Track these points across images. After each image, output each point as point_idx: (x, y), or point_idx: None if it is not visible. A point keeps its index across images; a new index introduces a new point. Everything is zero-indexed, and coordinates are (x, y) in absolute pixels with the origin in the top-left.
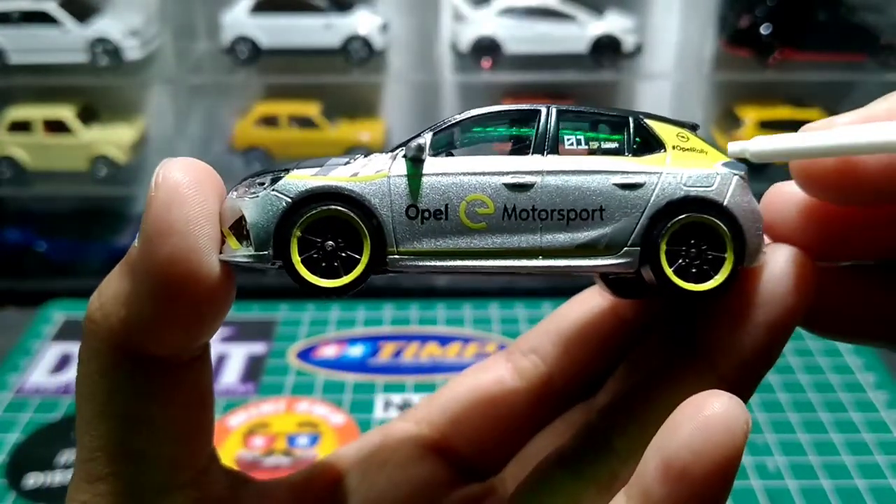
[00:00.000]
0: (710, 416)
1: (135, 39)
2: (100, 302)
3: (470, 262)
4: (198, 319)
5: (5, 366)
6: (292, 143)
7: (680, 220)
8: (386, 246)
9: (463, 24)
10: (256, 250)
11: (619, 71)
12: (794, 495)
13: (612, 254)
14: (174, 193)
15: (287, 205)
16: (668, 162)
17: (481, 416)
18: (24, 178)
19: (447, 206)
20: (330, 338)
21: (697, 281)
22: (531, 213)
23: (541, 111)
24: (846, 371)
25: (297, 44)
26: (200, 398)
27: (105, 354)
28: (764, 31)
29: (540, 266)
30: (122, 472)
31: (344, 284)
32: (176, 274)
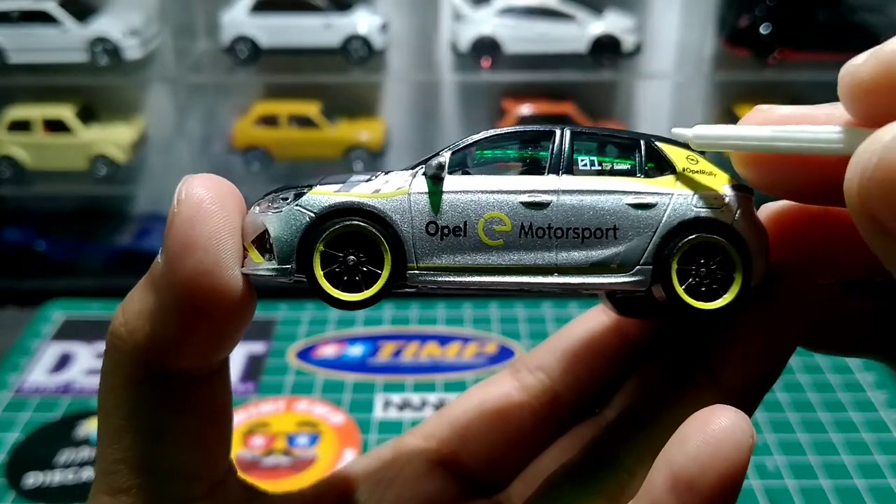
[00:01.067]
0: (717, 430)
1: (134, 39)
2: (124, 318)
3: (487, 278)
4: (221, 333)
5: (5, 365)
6: (292, 142)
7: (690, 239)
8: (406, 261)
9: (462, 23)
10: (280, 264)
11: (619, 71)
12: (793, 495)
13: (625, 272)
14: (197, 209)
15: (311, 219)
16: (679, 183)
17: (489, 431)
18: (24, 178)
19: (466, 223)
20: (329, 337)
21: (707, 300)
22: (547, 232)
23: (555, 132)
24: (846, 371)
25: (296, 43)
26: (219, 411)
27: (129, 369)
28: (763, 30)
29: (555, 283)
30: (143, 485)
31: (365, 298)
32: (200, 289)
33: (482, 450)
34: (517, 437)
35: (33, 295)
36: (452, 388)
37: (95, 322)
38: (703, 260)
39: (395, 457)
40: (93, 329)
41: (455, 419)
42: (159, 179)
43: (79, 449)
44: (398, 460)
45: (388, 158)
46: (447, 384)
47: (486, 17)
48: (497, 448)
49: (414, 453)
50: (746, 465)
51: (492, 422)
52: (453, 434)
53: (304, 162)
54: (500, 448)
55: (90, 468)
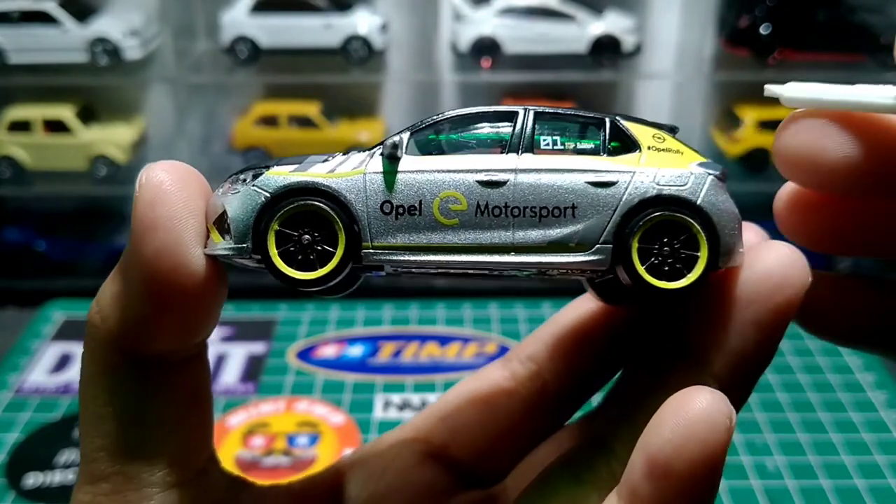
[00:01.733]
0: (692, 411)
1: (134, 39)
2: (98, 306)
3: (443, 257)
4: (189, 315)
5: (5, 365)
6: (292, 142)
7: (652, 217)
8: (361, 240)
9: (462, 23)
10: (236, 243)
11: (619, 71)
12: (793, 495)
13: (584, 251)
14: (157, 191)
15: (266, 199)
16: (643, 161)
17: (479, 422)
18: (24, 178)
19: (421, 202)
20: (329, 337)
21: (670, 279)
22: (503, 210)
23: (518, 112)
24: (845, 371)
25: (296, 43)
26: (199, 397)
27: (105, 356)
28: (763, 30)
29: (511, 262)
30: (123, 472)
31: (318, 277)
32: (162, 268)
33: (472, 440)
34: (507, 427)
35: (33, 295)
36: None
37: None
38: (666, 239)
39: (386, 449)
40: None
41: (444, 411)
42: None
43: (78, 449)
44: (388, 453)
45: None
46: (447, 384)
47: (486, 17)
48: (487, 438)
49: (404, 445)
50: (725, 447)
51: (481, 412)
52: (443, 425)
53: None
54: (490, 438)
55: None
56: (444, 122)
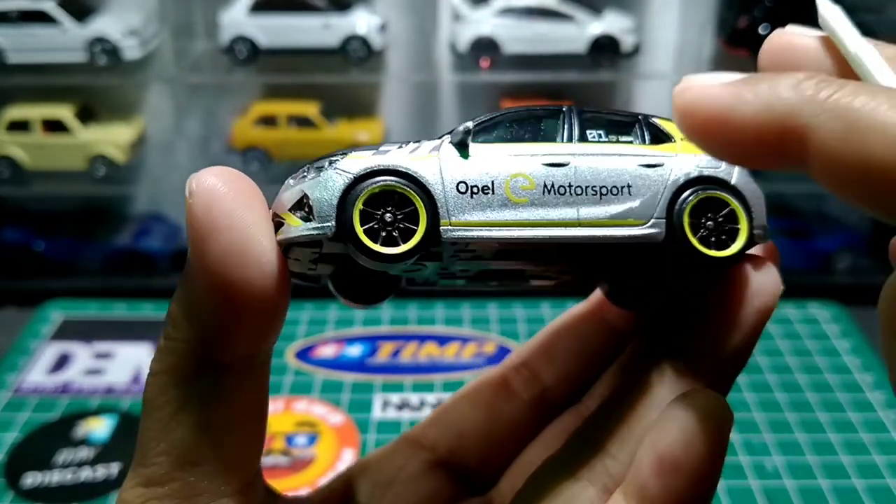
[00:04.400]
0: (697, 412)
1: (133, 39)
2: (171, 319)
3: (516, 231)
4: (262, 314)
5: (3, 365)
6: (291, 142)
7: (698, 194)
8: (439, 218)
9: (461, 23)
10: (321, 223)
11: (618, 71)
12: (791, 495)
13: (642, 224)
14: (212, 195)
15: (349, 180)
16: (679, 149)
17: (483, 428)
18: (23, 178)
19: (493, 182)
20: (328, 337)
21: (718, 249)
22: (568, 189)
23: (563, 109)
24: (844, 371)
25: (295, 43)
26: (260, 406)
27: (179, 366)
28: (762, 31)
29: (578, 235)
30: (181, 477)
31: (403, 251)
32: (231, 268)
33: (476, 446)
34: (510, 432)
35: (32, 295)
36: (451, 388)
37: (94, 322)
38: (710, 214)
39: (392, 457)
40: (92, 329)
41: (447, 417)
42: (158, 180)
43: (77, 449)
44: (395, 461)
45: None
46: (446, 384)
47: (485, 17)
48: (491, 444)
49: (411, 453)
50: (727, 441)
51: (484, 418)
52: (447, 432)
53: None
54: (493, 444)
55: (89, 468)
56: (501, 116)
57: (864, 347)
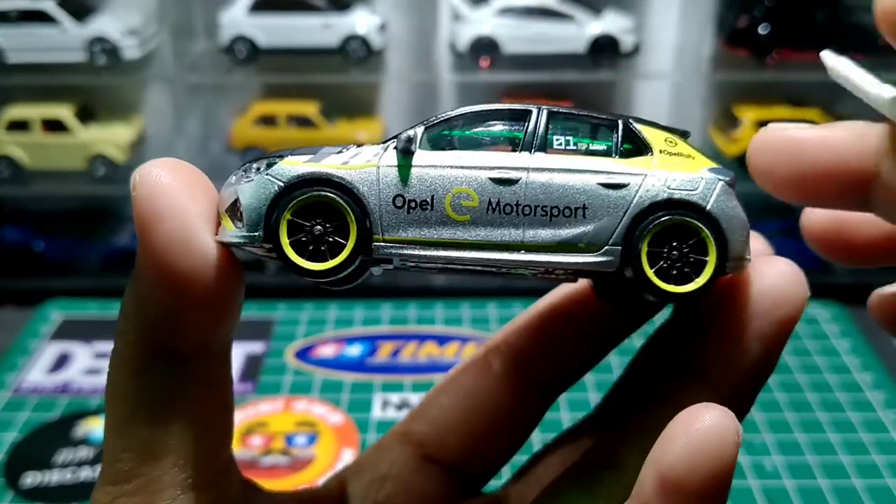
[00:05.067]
0: (701, 428)
1: (133, 39)
2: (123, 312)
3: (453, 252)
4: (208, 302)
5: (3, 365)
6: (290, 142)
7: (662, 221)
8: (372, 233)
9: (461, 23)
10: (248, 231)
11: (618, 71)
12: (791, 495)
13: (593, 252)
14: (154, 185)
15: (279, 188)
16: (654, 164)
17: (466, 418)
18: (22, 178)
19: (433, 197)
20: (328, 337)
21: (678, 283)
22: (515, 209)
23: (532, 111)
24: (844, 371)
25: (295, 43)
26: (223, 397)
27: (133, 357)
28: (762, 31)
29: (520, 260)
30: (146, 472)
31: (329, 268)
32: (174, 257)
33: (461, 438)
34: (493, 420)
35: (32, 295)
36: None
37: (94, 322)
38: (675, 243)
39: (382, 456)
40: (91, 329)
41: (429, 410)
42: None
43: (77, 449)
44: (385, 459)
45: None
46: None
47: (484, 17)
48: (475, 434)
49: (400, 450)
50: (733, 462)
51: (465, 408)
52: (430, 426)
53: None
54: (477, 434)
55: (88, 468)
56: (458, 118)
57: (863, 347)
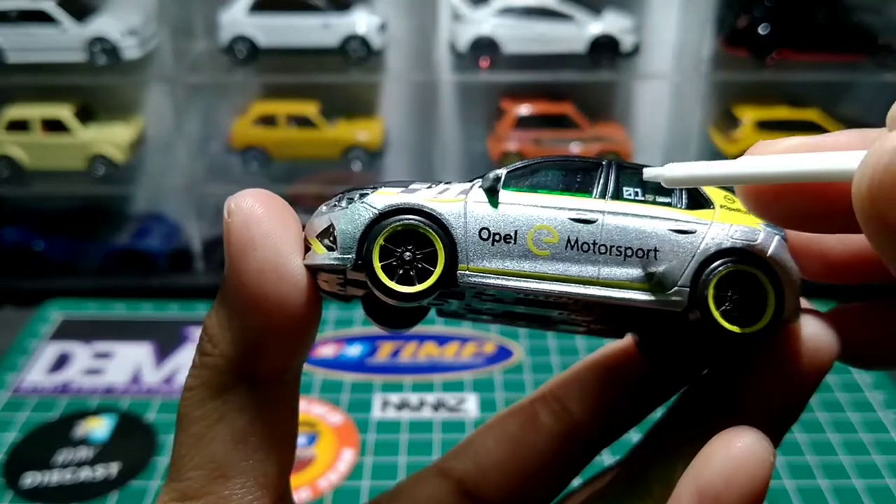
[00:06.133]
0: (740, 447)
1: (133, 38)
2: (207, 335)
3: (532, 284)
4: (295, 329)
5: (3, 365)
6: (290, 142)
7: (727, 266)
8: (458, 262)
9: (461, 23)
10: (342, 254)
11: (618, 71)
12: (791, 495)
13: (663, 291)
14: (249, 214)
15: (374, 215)
16: (717, 216)
17: (509, 460)
18: (22, 178)
19: (516, 232)
20: (328, 337)
21: (740, 325)
22: (592, 247)
23: (603, 163)
24: (843, 371)
25: (295, 43)
26: (291, 422)
27: (219, 381)
28: (762, 31)
29: (595, 295)
30: (216, 490)
31: (417, 291)
32: (266, 283)
33: (502, 480)
34: (537, 466)
35: (31, 295)
36: (450, 388)
37: (94, 322)
38: (737, 288)
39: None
40: (91, 329)
41: (474, 449)
42: (158, 179)
43: (77, 449)
44: (424, 490)
45: (386, 159)
46: (445, 384)
47: (484, 16)
48: (516, 477)
49: (439, 483)
50: (768, 481)
51: (510, 450)
52: (473, 465)
53: (302, 162)
54: (519, 477)
55: (88, 468)
56: (538, 164)
57: None
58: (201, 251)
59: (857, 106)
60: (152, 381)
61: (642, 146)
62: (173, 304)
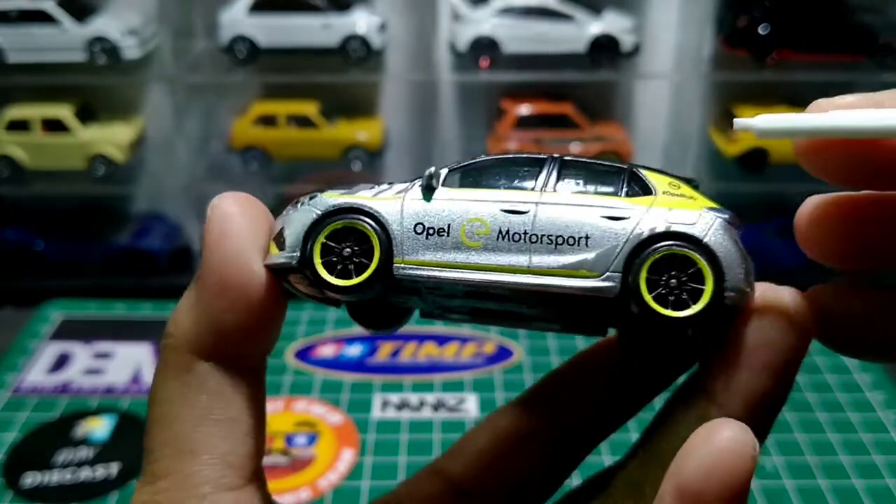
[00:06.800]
0: (720, 441)
1: (133, 38)
2: (173, 318)
3: (464, 274)
4: (251, 319)
5: (3, 365)
6: (290, 142)
7: (660, 249)
8: (392, 255)
9: (461, 23)
10: (289, 252)
11: (618, 71)
12: (791, 495)
13: (595, 277)
14: (227, 211)
15: (317, 216)
16: (656, 202)
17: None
18: (22, 178)
19: (449, 226)
20: (328, 337)
21: (674, 308)
22: (523, 237)
23: (546, 160)
24: (843, 371)
25: (295, 43)
26: (258, 406)
27: (180, 361)
28: (762, 31)
29: (525, 283)
30: (183, 469)
31: (354, 284)
32: (230, 273)
33: (497, 480)
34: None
35: (31, 295)
36: (450, 388)
37: (94, 322)
38: (673, 272)
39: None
40: (91, 329)
41: (468, 450)
42: (158, 179)
43: (77, 449)
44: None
45: (386, 158)
46: (445, 384)
47: (484, 16)
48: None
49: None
50: (750, 475)
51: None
52: (468, 465)
53: (302, 162)
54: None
55: (88, 468)
56: (481, 162)
57: None
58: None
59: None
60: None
61: (642, 146)
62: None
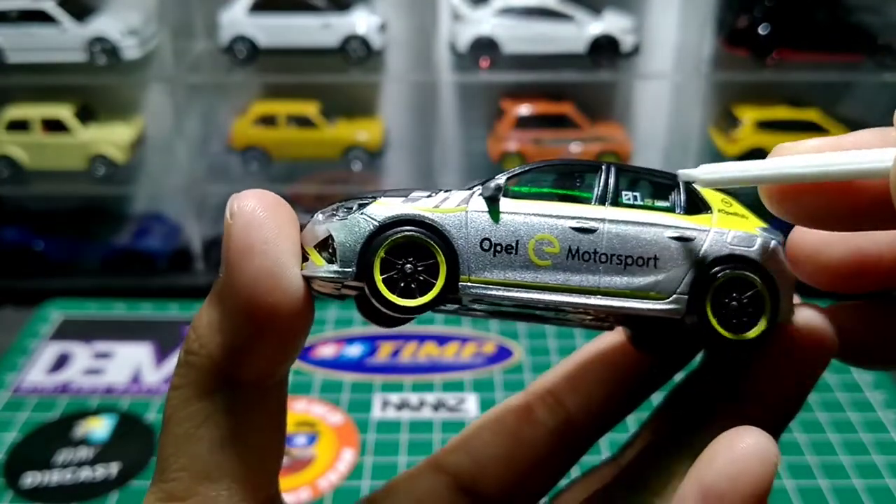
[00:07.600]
0: (744, 447)
1: (133, 38)
2: (196, 334)
3: (534, 294)
4: (287, 338)
5: (3, 365)
6: (290, 142)
7: (725, 273)
8: (459, 273)
9: (461, 23)
10: (342, 267)
11: (618, 71)
12: (791, 495)
13: (663, 299)
14: (251, 218)
15: (374, 227)
16: (715, 222)
17: (505, 455)
18: (22, 178)
19: (517, 242)
20: (328, 337)
21: (736, 331)
22: (593, 256)
23: (602, 167)
24: (843, 371)
25: (295, 43)
26: (278, 424)
27: (203, 380)
28: (762, 31)
29: (596, 304)
30: (202, 492)
31: (419, 304)
32: (260, 291)
33: (498, 474)
34: (532, 460)
35: (31, 295)
36: (451, 388)
37: (94, 322)
38: (734, 294)
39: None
40: (91, 329)
41: (470, 443)
42: (158, 179)
43: (77, 449)
44: (421, 484)
45: (386, 158)
46: (445, 384)
47: (484, 17)
48: (513, 471)
49: (436, 478)
50: (772, 481)
51: (506, 445)
52: (470, 460)
53: (302, 162)
54: (515, 471)
55: (88, 468)
56: (536, 168)
57: None
58: (201, 251)
59: (857, 106)
60: (152, 381)
61: (642, 146)
62: (173, 304)
